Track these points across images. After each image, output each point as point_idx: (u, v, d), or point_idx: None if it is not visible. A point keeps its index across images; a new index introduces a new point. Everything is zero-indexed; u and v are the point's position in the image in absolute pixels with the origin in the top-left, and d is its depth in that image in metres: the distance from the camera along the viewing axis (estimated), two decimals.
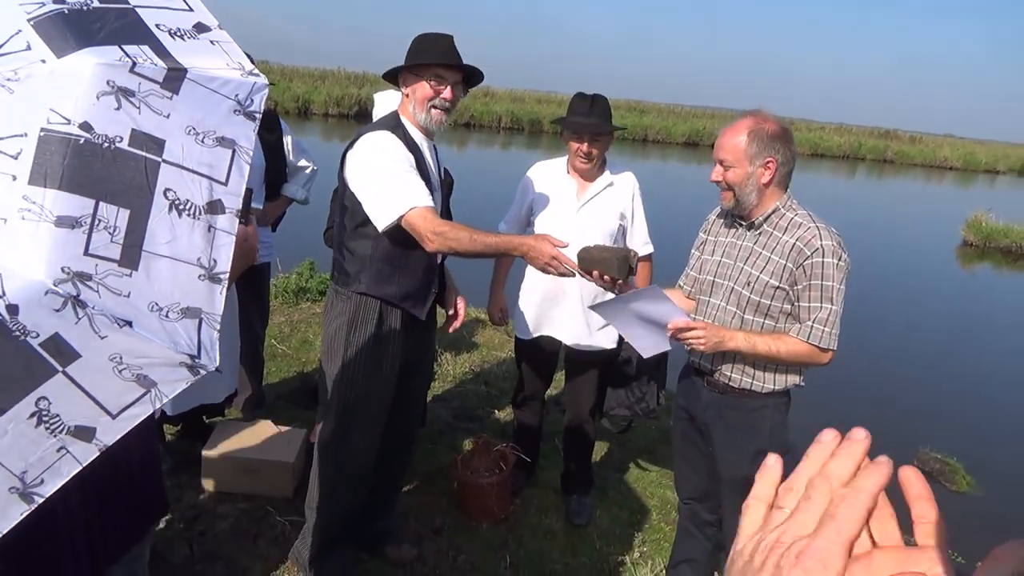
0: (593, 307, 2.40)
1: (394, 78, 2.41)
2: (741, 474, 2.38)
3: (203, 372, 1.12)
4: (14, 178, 1.02)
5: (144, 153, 1.11)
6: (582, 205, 3.00)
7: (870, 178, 32.72)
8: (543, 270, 2.22)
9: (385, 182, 2.23)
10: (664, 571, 3.02)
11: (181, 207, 1.13)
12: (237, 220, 1.20)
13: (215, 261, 1.16)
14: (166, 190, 1.12)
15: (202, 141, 1.17)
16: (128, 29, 1.16)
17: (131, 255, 1.08)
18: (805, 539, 0.43)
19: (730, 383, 2.35)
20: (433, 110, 2.33)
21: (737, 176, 2.24)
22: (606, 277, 2.26)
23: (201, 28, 1.24)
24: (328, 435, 2.49)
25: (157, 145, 1.12)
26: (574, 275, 2.26)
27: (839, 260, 2.17)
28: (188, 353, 1.11)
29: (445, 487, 3.42)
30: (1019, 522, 4.34)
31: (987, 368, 7.29)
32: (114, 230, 1.07)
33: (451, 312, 2.72)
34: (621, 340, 3.07)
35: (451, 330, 2.74)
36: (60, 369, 0.99)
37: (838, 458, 0.47)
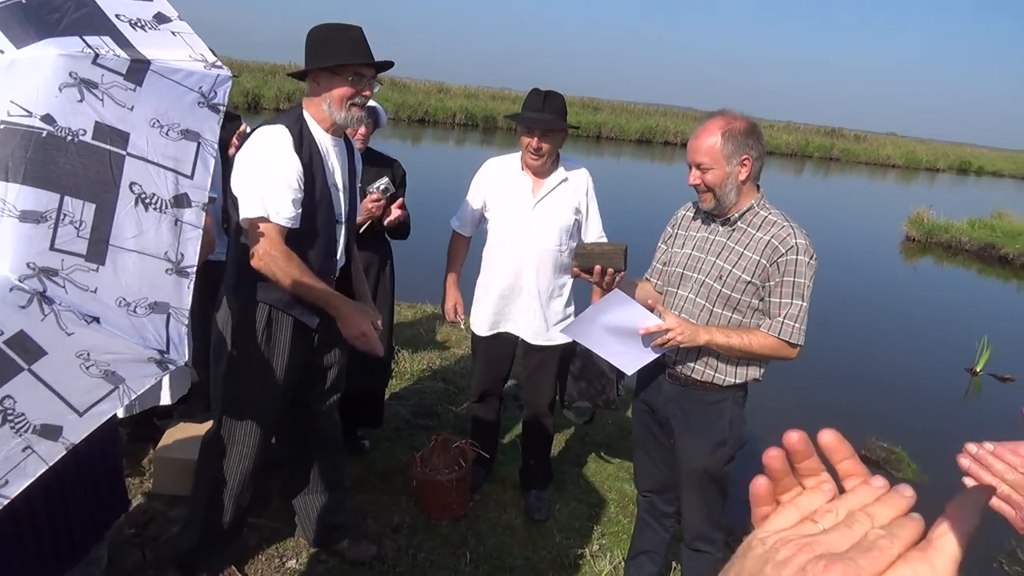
0: (564, 330, 2.42)
1: (302, 74, 2.33)
2: (700, 466, 2.42)
3: (172, 367, 1.12)
4: None
5: (108, 146, 1.10)
6: (537, 201, 3.00)
7: (817, 175, 33.54)
8: (351, 340, 2.27)
9: (252, 182, 2.18)
10: (623, 563, 3.06)
11: (147, 201, 1.12)
12: (204, 214, 1.19)
13: (182, 255, 1.15)
14: (132, 184, 1.11)
15: (167, 134, 1.16)
16: (88, 19, 1.14)
17: (98, 250, 1.06)
18: (835, 556, 0.46)
19: (693, 375, 2.38)
20: (353, 108, 2.31)
21: (716, 177, 2.25)
22: (609, 270, 2.26)
23: (161, 18, 1.23)
24: (213, 434, 2.48)
25: (121, 138, 1.11)
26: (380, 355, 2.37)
27: (810, 259, 2.22)
28: (157, 348, 1.10)
29: (403, 485, 3.40)
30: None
31: (929, 361, 7.53)
32: (80, 224, 1.05)
33: None
34: None
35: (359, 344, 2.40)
36: (26, 367, 0.98)
37: (883, 503, 0.50)
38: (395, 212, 3.23)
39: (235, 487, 2.51)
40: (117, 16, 1.17)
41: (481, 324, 3.20)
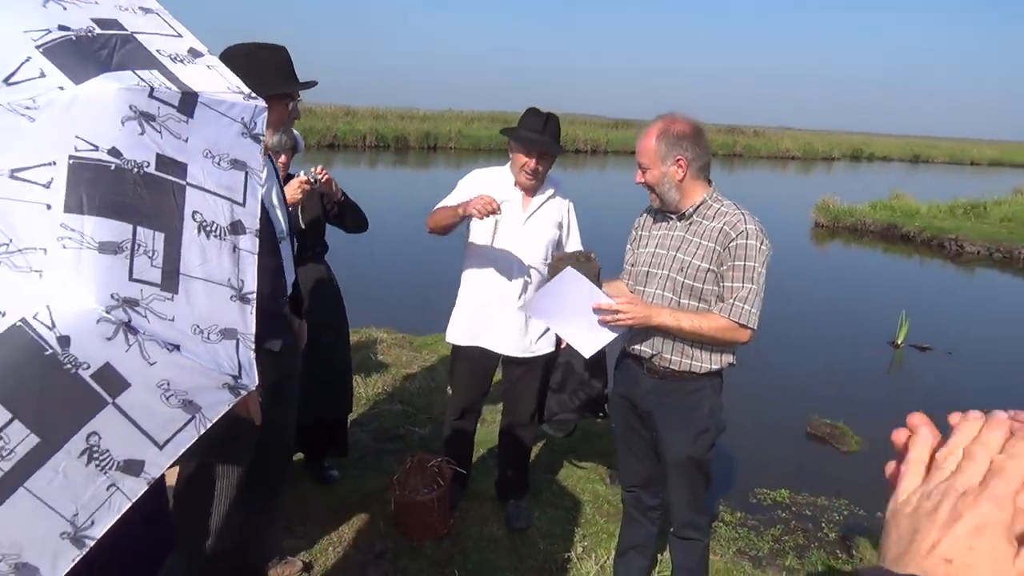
0: (524, 308, 2.45)
1: None
2: (685, 454, 2.49)
3: (244, 392, 1.13)
4: (48, 207, 0.98)
5: (171, 177, 1.10)
6: (528, 217, 3.05)
7: (724, 171, 34.80)
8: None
9: None
10: (608, 562, 3.10)
11: (209, 229, 1.14)
12: (257, 240, 1.22)
13: (243, 281, 1.17)
14: (194, 212, 1.12)
15: (218, 164, 1.18)
16: (136, 54, 1.14)
17: (171, 278, 1.07)
18: (976, 488, 0.53)
19: (670, 366, 2.45)
20: (287, 130, 2.33)
21: (653, 176, 2.40)
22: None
23: (195, 53, 1.24)
24: (189, 476, 2.39)
25: (181, 168, 1.12)
26: None
27: (761, 244, 2.32)
28: (230, 374, 1.11)
29: (380, 511, 3.35)
30: None
31: (854, 338, 7.91)
32: (153, 254, 1.05)
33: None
34: (559, 343, 3.13)
35: None
36: (110, 400, 0.97)
37: (990, 431, 0.56)
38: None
39: (221, 529, 2.43)
40: (158, 51, 1.18)
41: (462, 335, 3.19)
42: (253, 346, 1.13)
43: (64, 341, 0.93)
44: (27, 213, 0.97)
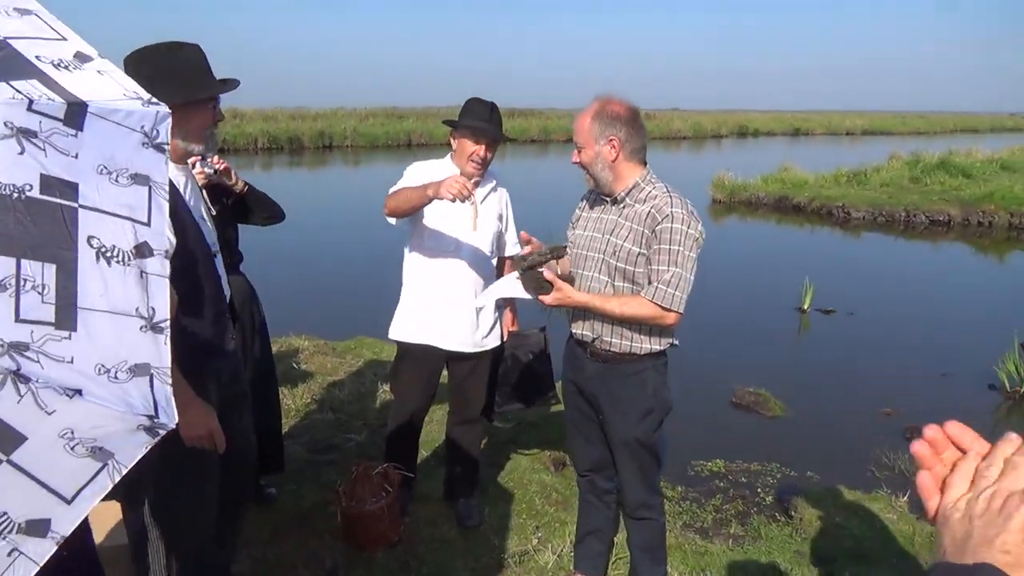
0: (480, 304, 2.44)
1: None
2: (631, 435, 2.50)
3: (163, 432, 1.02)
4: None
5: (58, 200, 0.97)
6: (477, 207, 2.98)
7: None
8: (190, 441, 2.02)
9: None
10: (565, 550, 3.10)
11: (109, 254, 1.01)
12: (167, 262, 1.09)
13: (153, 309, 1.05)
14: (89, 238, 0.99)
15: (116, 180, 1.05)
16: (9, 63, 1.00)
17: (67, 314, 0.95)
18: (1019, 491, 0.61)
19: (611, 349, 2.46)
20: (212, 135, 2.20)
21: (587, 156, 2.41)
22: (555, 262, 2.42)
23: (83, 57, 1.10)
24: (150, 504, 2.24)
25: (71, 189, 0.99)
26: None
27: (688, 227, 2.34)
28: (145, 414, 1.01)
29: (325, 524, 3.23)
30: (821, 429, 5.00)
31: (764, 307, 8.24)
32: (43, 289, 0.94)
33: None
34: (502, 336, 3.10)
35: None
36: (4, 458, 0.87)
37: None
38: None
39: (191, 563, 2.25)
40: (37, 58, 1.04)
41: (410, 332, 3.08)
42: (169, 380, 1.04)
43: None
44: None
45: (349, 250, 11.00)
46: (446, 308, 3.01)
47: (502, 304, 3.13)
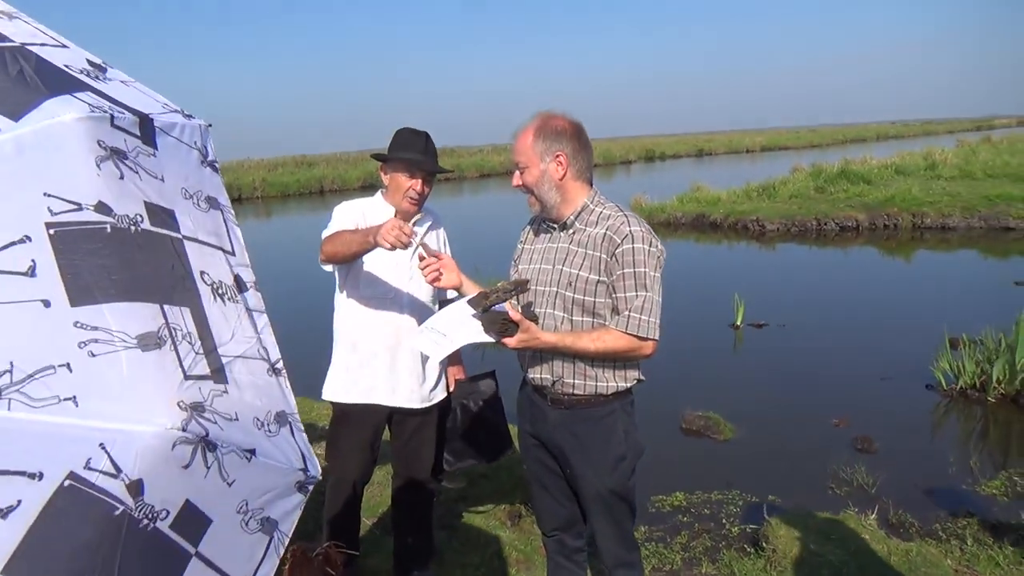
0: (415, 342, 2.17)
1: None
2: (605, 487, 2.26)
3: (311, 486, 0.91)
4: (46, 303, 0.68)
5: (167, 231, 0.82)
6: (415, 251, 2.62)
7: None
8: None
9: None
10: None
11: (221, 292, 0.87)
12: (260, 295, 0.98)
13: (266, 349, 0.92)
14: (201, 273, 0.84)
15: (198, 205, 0.89)
16: (50, 72, 0.80)
17: (216, 365, 0.81)
18: None
19: (575, 392, 2.23)
20: None
21: (532, 176, 2.22)
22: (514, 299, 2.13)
23: (97, 66, 0.90)
24: None
25: (172, 218, 0.83)
26: None
27: (650, 246, 2.15)
28: (300, 468, 0.89)
29: None
30: (774, 448, 4.88)
31: (697, 327, 8.20)
32: (191, 338, 0.79)
33: None
34: (448, 386, 2.82)
35: None
36: (193, 552, 0.74)
37: None
38: None
39: None
40: (66, 67, 0.84)
41: (348, 391, 2.74)
42: (301, 425, 0.91)
43: (136, 488, 0.66)
44: (20, 320, 0.67)
45: (269, 304, 10.49)
46: (389, 361, 2.70)
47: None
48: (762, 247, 13.82)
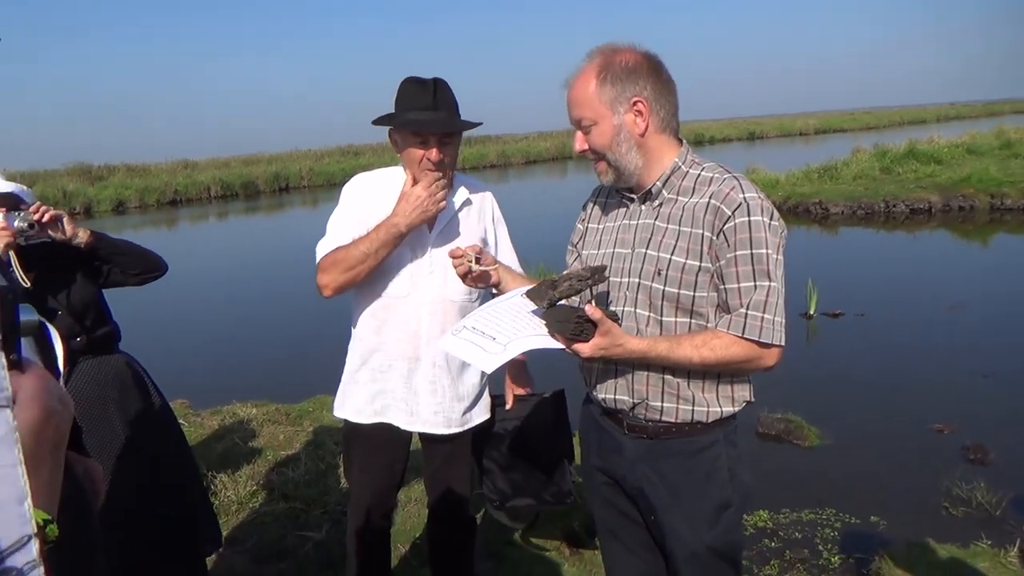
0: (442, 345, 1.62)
1: None
2: (702, 545, 1.69)
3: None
4: None
5: None
6: (436, 235, 2.13)
7: (580, 171, 35.09)
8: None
9: None
10: None
11: None
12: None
13: None
14: None
15: None
16: None
17: None
18: None
19: (663, 418, 1.67)
20: None
21: (603, 135, 1.63)
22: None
23: None
24: None
25: None
26: None
27: (771, 219, 1.58)
28: None
29: None
30: (869, 457, 4.24)
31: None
32: None
33: None
34: (494, 408, 2.27)
35: None
36: None
37: None
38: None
39: None
40: None
41: (360, 410, 2.22)
42: None
43: None
44: None
45: (308, 301, 10.14)
46: (406, 377, 2.16)
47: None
48: (825, 231, 12.96)
